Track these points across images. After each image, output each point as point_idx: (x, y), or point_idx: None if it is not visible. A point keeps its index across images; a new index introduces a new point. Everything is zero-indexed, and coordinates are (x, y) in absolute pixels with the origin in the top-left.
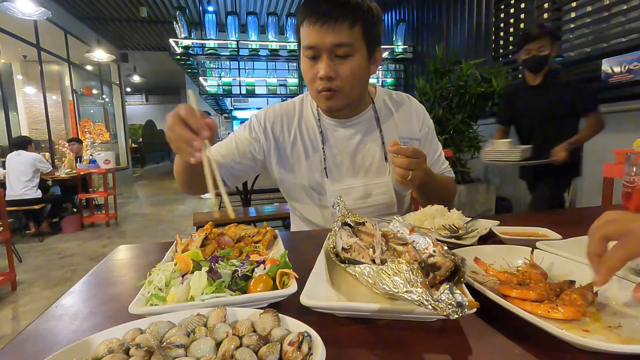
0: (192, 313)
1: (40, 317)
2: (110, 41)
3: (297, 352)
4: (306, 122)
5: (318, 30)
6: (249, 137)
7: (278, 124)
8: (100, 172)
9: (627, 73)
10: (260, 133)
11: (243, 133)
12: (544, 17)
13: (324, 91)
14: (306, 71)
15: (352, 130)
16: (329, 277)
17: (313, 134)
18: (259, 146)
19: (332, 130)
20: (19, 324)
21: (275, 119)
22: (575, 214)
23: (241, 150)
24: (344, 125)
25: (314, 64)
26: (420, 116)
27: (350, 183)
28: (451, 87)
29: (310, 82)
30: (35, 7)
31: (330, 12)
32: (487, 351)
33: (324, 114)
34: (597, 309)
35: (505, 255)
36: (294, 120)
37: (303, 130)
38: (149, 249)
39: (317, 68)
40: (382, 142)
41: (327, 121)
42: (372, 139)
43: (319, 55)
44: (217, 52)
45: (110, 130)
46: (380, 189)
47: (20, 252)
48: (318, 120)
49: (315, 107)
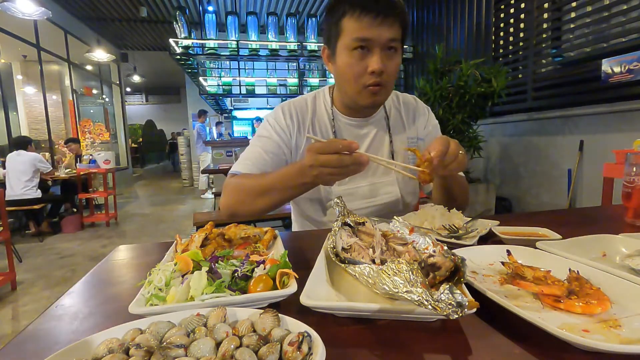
0: (192, 313)
1: (40, 317)
2: (110, 41)
3: (297, 352)
4: (319, 120)
5: (374, 23)
6: (277, 140)
7: (295, 120)
8: (100, 172)
9: (627, 73)
10: (283, 132)
11: (268, 140)
12: (544, 17)
13: (374, 85)
14: (352, 65)
15: (366, 130)
16: (329, 277)
17: (325, 132)
18: (287, 144)
19: (347, 129)
20: (19, 324)
21: (292, 115)
22: (575, 214)
23: (274, 157)
24: (361, 124)
25: (362, 57)
26: (426, 116)
27: (357, 183)
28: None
29: (357, 77)
30: (35, 7)
31: (387, 7)
32: (487, 351)
33: (344, 112)
34: None
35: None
36: (306, 118)
37: (315, 128)
38: (149, 249)
39: (367, 62)
40: (391, 140)
41: (344, 120)
42: (381, 138)
43: (369, 49)
44: (217, 52)
45: (110, 130)
46: (386, 188)
47: (20, 252)
48: (332, 120)
49: (330, 105)
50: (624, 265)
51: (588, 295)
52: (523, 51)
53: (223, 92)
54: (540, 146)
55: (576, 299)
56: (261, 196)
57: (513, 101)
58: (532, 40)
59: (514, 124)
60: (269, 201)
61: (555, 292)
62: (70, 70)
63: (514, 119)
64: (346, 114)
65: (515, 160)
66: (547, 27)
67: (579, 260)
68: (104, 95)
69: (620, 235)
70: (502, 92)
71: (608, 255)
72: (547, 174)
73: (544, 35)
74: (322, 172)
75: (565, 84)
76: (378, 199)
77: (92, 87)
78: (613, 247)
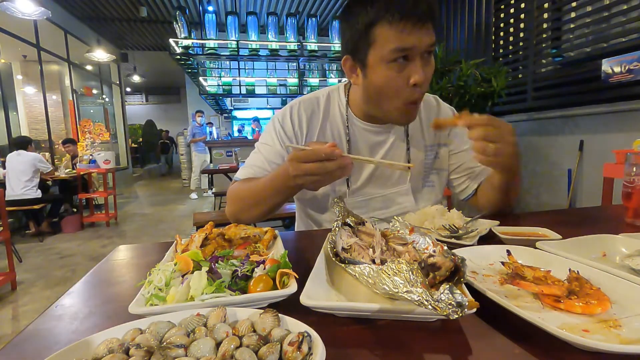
0: (192, 313)
1: (40, 317)
2: (110, 41)
3: (297, 352)
4: (331, 123)
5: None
6: (280, 150)
7: (304, 125)
8: (100, 172)
9: (627, 73)
10: (289, 140)
11: (271, 149)
12: (544, 17)
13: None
14: (392, 79)
15: (384, 137)
16: (329, 277)
17: (338, 137)
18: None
19: (362, 135)
20: (19, 324)
21: (301, 121)
22: (575, 214)
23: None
24: (378, 131)
25: (402, 69)
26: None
27: (369, 195)
28: (451, 87)
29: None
30: (35, 7)
31: (428, 10)
32: (487, 351)
33: (360, 116)
34: None
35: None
36: (317, 120)
37: (327, 132)
38: (149, 249)
39: (407, 73)
40: (408, 148)
41: (360, 125)
42: (398, 147)
43: (409, 58)
44: (217, 52)
45: (110, 130)
46: (400, 198)
47: (20, 252)
48: (347, 124)
49: (345, 108)
50: (624, 265)
51: (588, 295)
52: (523, 51)
53: (223, 92)
54: (540, 146)
55: (576, 299)
56: (256, 204)
57: (513, 101)
58: (532, 40)
59: (514, 124)
60: (264, 207)
61: (555, 292)
62: (70, 70)
63: (514, 119)
64: (363, 119)
65: None
66: (547, 27)
67: (579, 260)
68: (104, 95)
69: (620, 235)
70: (502, 92)
71: (608, 255)
72: (547, 174)
73: (544, 35)
74: (307, 180)
75: (565, 84)
76: (393, 209)
77: (92, 87)
78: (613, 247)
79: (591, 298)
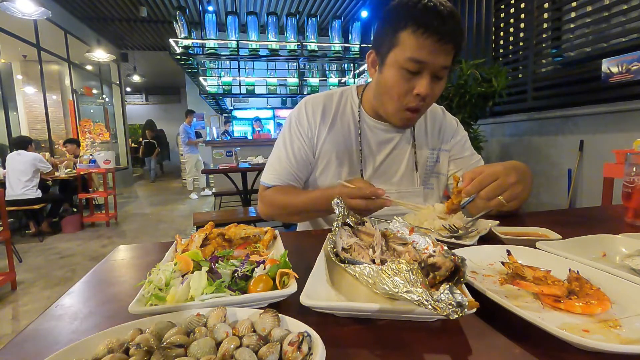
0: (192, 313)
1: (40, 317)
2: (110, 41)
3: (297, 352)
4: (342, 118)
5: (434, 46)
6: (300, 145)
7: (318, 115)
8: (100, 172)
9: (627, 73)
10: (306, 134)
11: (291, 146)
12: (544, 17)
13: (413, 111)
14: (398, 83)
15: (391, 135)
16: (329, 277)
17: (348, 133)
18: (310, 147)
19: (372, 131)
20: (19, 324)
21: (315, 112)
22: (575, 214)
23: (299, 164)
24: (387, 129)
25: (410, 78)
26: (453, 128)
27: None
28: (451, 87)
29: (400, 96)
30: (35, 7)
31: (452, 32)
32: (487, 351)
33: (372, 114)
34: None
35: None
36: (330, 112)
37: (338, 126)
38: (149, 249)
39: (414, 83)
40: (415, 152)
41: (371, 122)
42: (404, 147)
43: (420, 71)
44: (217, 52)
45: (110, 130)
46: (411, 198)
47: (20, 252)
48: (358, 121)
49: (357, 106)
50: (624, 265)
51: (588, 295)
52: (523, 51)
53: (223, 92)
54: (540, 146)
55: (576, 299)
56: (296, 214)
57: (513, 101)
58: (532, 40)
59: (514, 124)
60: (303, 218)
61: (555, 292)
62: (70, 70)
63: (514, 119)
64: (373, 117)
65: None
66: (547, 27)
67: (579, 260)
68: (104, 95)
69: (620, 235)
70: (502, 92)
71: (608, 255)
72: (547, 174)
73: (544, 35)
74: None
75: (565, 84)
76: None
77: (92, 87)
78: (613, 247)
79: (591, 298)
